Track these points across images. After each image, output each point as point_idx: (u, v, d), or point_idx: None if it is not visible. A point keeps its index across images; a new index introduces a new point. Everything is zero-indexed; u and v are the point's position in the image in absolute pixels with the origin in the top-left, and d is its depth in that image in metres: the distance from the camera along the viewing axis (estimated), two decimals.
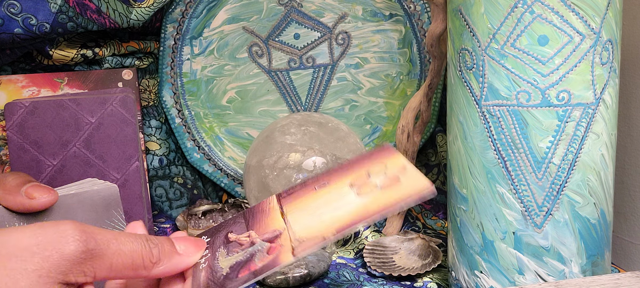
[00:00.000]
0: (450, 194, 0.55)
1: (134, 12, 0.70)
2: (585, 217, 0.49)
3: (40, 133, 0.63)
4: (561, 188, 0.48)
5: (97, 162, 0.65)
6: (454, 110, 0.52)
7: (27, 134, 0.63)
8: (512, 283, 0.50)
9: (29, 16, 0.64)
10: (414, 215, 0.77)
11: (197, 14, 0.77)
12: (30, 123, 0.63)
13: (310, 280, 0.59)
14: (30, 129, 0.63)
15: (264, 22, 0.78)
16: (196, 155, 0.79)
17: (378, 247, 0.65)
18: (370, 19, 0.78)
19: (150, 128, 0.78)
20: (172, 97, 0.78)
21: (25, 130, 0.63)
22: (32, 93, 0.69)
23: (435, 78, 0.67)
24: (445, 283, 0.60)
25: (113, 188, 0.47)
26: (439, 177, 0.80)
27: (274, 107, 0.80)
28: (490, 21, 0.47)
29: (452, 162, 0.53)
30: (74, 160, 0.64)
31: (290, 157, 0.63)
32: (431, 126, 0.78)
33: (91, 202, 0.46)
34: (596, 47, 0.47)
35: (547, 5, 0.45)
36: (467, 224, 0.52)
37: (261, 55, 0.79)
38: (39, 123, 0.63)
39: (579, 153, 0.48)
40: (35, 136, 0.63)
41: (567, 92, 0.47)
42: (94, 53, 0.71)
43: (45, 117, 0.64)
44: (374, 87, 0.80)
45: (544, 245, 0.48)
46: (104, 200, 0.47)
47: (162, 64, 0.77)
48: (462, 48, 0.50)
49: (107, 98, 0.65)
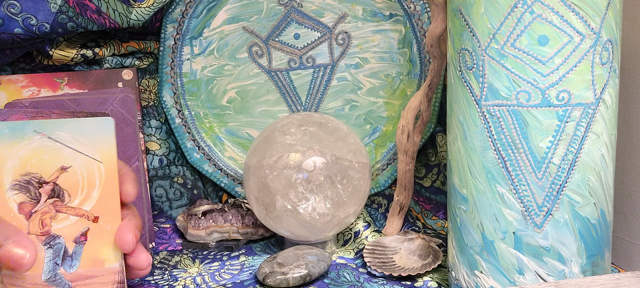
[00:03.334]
0: (450, 194, 0.55)
1: (134, 12, 0.70)
2: (585, 217, 0.49)
3: None
4: (561, 188, 0.48)
5: None
6: (454, 110, 0.52)
7: None
8: (512, 283, 0.50)
9: (29, 16, 0.64)
10: (414, 215, 0.77)
11: (197, 14, 0.77)
12: None
13: (310, 281, 0.59)
14: None
15: (264, 22, 0.78)
16: (196, 155, 0.79)
17: (378, 247, 0.65)
18: (370, 19, 0.78)
19: (150, 128, 0.78)
20: (172, 97, 0.78)
21: None
22: (32, 93, 0.69)
23: (435, 78, 0.67)
24: (446, 283, 0.60)
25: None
26: (439, 177, 0.80)
27: (274, 107, 0.80)
28: (490, 21, 0.47)
29: (452, 162, 0.53)
30: None
31: (290, 157, 0.63)
32: (431, 126, 0.78)
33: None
34: (596, 47, 0.47)
35: (547, 5, 0.45)
36: (467, 224, 0.52)
37: (261, 55, 0.79)
38: None
39: (579, 154, 0.48)
40: None
41: (567, 92, 0.47)
42: (94, 53, 0.71)
43: None
44: (374, 87, 0.80)
45: (544, 245, 0.48)
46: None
47: (162, 64, 0.77)
48: (462, 48, 0.50)
49: (107, 98, 0.65)
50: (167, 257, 0.68)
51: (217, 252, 0.69)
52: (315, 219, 0.64)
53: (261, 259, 0.66)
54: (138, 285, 0.60)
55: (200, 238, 0.72)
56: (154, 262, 0.66)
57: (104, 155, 0.46)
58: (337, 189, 0.64)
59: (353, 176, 0.65)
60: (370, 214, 0.77)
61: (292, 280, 0.58)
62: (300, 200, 0.63)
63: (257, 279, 0.60)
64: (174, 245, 0.72)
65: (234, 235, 0.72)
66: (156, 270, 0.64)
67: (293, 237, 0.67)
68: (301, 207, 0.63)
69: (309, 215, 0.63)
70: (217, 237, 0.72)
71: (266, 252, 0.69)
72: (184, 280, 0.61)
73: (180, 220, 0.74)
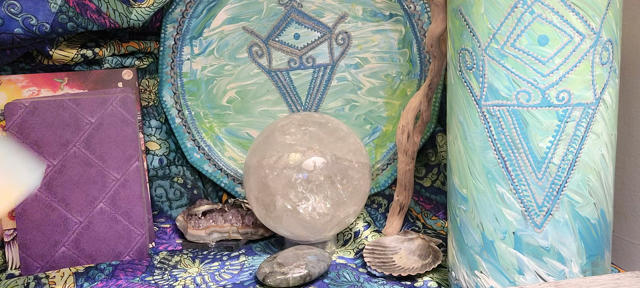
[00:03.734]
0: (450, 194, 0.55)
1: (134, 12, 0.70)
2: (585, 217, 0.49)
3: (40, 133, 0.63)
4: (561, 188, 0.48)
5: (97, 162, 0.65)
6: (454, 110, 0.52)
7: (27, 134, 0.63)
8: (512, 283, 0.50)
9: (29, 16, 0.64)
10: (414, 215, 0.77)
11: (197, 14, 0.77)
12: (30, 123, 0.63)
13: (310, 281, 0.59)
14: (30, 129, 0.63)
15: (264, 22, 0.78)
16: (196, 155, 0.79)
17: (378, 247, 0.65)
18: (370, 19, 0.78)
19: (150, 128, 0.78)
20: (172, 97, 0.78)
21: (25, 130, 0.63)
22: (32, 93, 0.69)
23: (435, 78, 0.67)
24: (445, 283, 0.60)
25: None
26: (439, 177, 0.80)
27: (274, 107, 0.80)
28: (490, 21, 0.47)
29: (452, 162, 0.53)
30: (74, 160, 0.64)
31: (290, 157, 0.63)
32: (431, 126, 0.78)
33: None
34: (596, 47, 0.47)
35: (547, 5, 0.45)
36: (467, 224, 0.52)
37: (261, 55, 0.79)
38: (39, 123, 0.63)
39: (579, 153, 0.48)
40: (35, 136, 0.63)
41: (567, 92, 0.47)
42: (94, 53, 0.71)
43: (45, 117, 0.64)
44: (374, 87, 0.80)
45: (544, 245, 0.48)
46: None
47: (162, 64, 0.77)
48: (462, 48, 0.50)
49: (107, 98, 0.65)
50: (167, 257, 0.68)
51: (217, 252, 0.69)
52: (315, 219, 0.64)
53: (261, 259, 0.66)
54: (138, 285, 0.60)
55: (200, 238, 0.72)
56: (154, 262, 0.66)
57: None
58: (337, 189, 0.64)
59: (353, 176, 0.65)
60: (370, 214, 0.77)
61: (292, 280, 0.58)
62: (300, 200, 0.63)
63: (257, 279, 0.60)
64: (174, 245, 0.72)
65: (234, 235, 0.72)
66: (156, 270, 0.64)
67: (293, 237, 0.67)
68: (301, 207, 0.63)
69: (309, 215, 0.63)
70: (217, 237, 0.72)
71: (266, 252, 0.69)
72: (184, 280, 0.61)
73: (180, 220, 0.74)
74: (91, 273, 0.63)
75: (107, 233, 0.65)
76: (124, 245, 0.66)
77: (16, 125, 0.63)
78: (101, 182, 0.65)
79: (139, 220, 0.66)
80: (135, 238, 0.66)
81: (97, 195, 0.65)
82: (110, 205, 0.65)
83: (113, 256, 0.66)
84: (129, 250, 0.66)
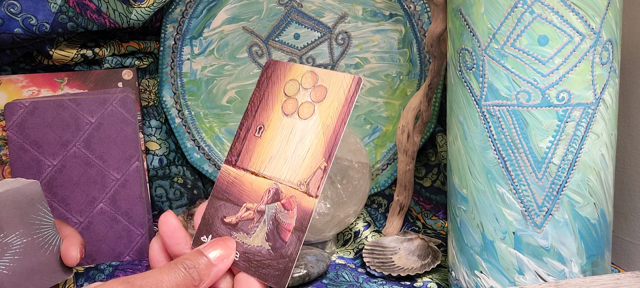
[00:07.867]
0: (450, 194, 0.55)
1: (134, 12, 0.70)
2: (585, 217, 0.49)
3: (40, 133, 0.63)
4: (561, 188, 0.48)
5: (97, 162, 0.65)
6: (454, 110, 0.52)
7: (27, 134, 0.63)
8: (512, 283, 0.50)
9: (29, 16, 0.64)
10: (414, 215, 0.77)
11: (197, 14, 0.77)
12: (30, 123, 0.63)
13: (309, 281, 0.59)
14: (30, 129, 0.63)
15: (264, 22, 0.78)
16: (196, 155, 0.79)
17: (377, 247, 0.65)
18: (370, 19, 0.78)
19: (150, 128, 0.78)
20: (172, 97, 0.78)
21: (25, 130, 0.63)
22: (32, 93, 0.69)
23: (435, 78, 0.67)
24: (445, 283, 0.60)
25: (35, 185, 0.49)
26: (439, 177, 0.80)
27: None
28: (490, 21, 0.47)
29: (452, 162, 0.53)
30: (74, 160, 0.64)
31: None
32: (431, 126, 0.78)
33: (13, 200, 0.48)
34: (596, 47, 0.47)
35: (547, 5, 0.45)
36: (467, 224, 0.52)
37: (261, 55, 0.79)
38: (39, 123, 0.63)
39: (579, 153, 0.48)
40: (35, 136, 0.63)
41: (567, 92, 0.47)
42: (94, 53, 0.71)
43: (45, 117, 0.64)
44: (374, 87, 0.80)
45: (544, 245, 0.48)
46: (27, 197, 0.49)
47: (162, 64, 0.77)
48: (462, 48, 0.50)
49: (107, 98, 0.65)
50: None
51: None
52: (315, 219, 0.64)
53: None
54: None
55: None
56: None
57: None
58: (337, 189, 0.64)
59: (353, 176, 0.65)
60: (370, 214, 0.77)
61: (290, 280, 0.58)
62: None
63: None
64: None
65: None
66: None
67: None
68: None
69: None
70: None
71: None
72: None
73: (180, 220, 0.74)
74: (91, 273, 0.63)
75: (107, 233, 0.65)
76: (124, 245, 0.66)
77: (16, 125, 0.63)
78: (101, 182, 0.65)
79: (139, 220, 0.66)
80: (135, 238, 0.66)
81: (97, 195, 0.65)
82: (110, 205, 0.65)
83: (113, 256, 0.66)
84: (129, 251, 0.66)
